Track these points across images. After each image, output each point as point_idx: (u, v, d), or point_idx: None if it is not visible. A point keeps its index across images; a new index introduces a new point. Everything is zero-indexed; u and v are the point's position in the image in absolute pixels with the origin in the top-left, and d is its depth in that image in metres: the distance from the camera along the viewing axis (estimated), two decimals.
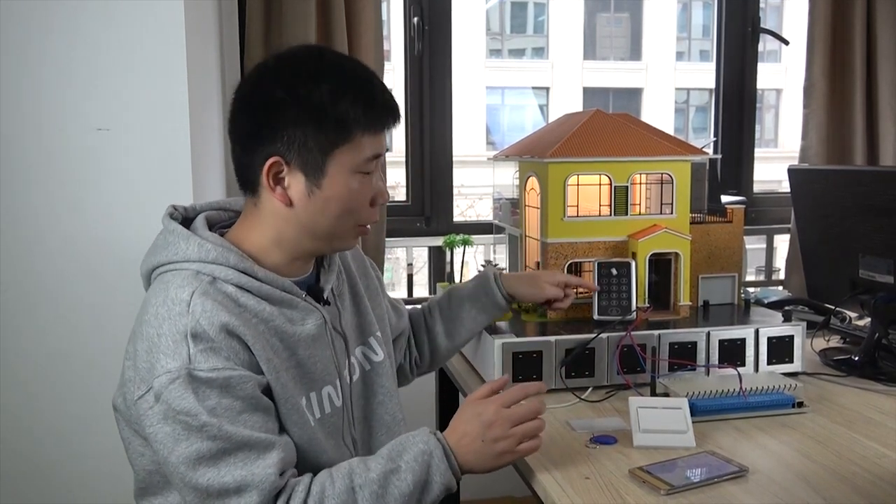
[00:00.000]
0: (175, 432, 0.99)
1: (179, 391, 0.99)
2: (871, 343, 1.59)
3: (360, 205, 1.13)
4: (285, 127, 1.07)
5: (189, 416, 0.99)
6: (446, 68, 2.45)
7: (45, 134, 1.60)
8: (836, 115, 2.59)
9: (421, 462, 1.05)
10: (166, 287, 1.06)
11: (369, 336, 1.30)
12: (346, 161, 1.09)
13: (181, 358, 1.00)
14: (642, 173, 1.59)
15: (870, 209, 1.62)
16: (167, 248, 1.11)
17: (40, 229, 1.62)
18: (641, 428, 1.21)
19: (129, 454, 1.15)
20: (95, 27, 1.59)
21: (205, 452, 0.99)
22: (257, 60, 2.05)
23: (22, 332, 1.64)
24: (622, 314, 1.49)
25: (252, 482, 0.99)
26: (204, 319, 1.01)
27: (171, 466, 1.00)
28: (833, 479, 1.09)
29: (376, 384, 1.28)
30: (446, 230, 2.42)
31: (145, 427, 1.02)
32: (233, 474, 0.99)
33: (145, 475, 1.13)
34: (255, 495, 0.99)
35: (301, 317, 1.14)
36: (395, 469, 1.05)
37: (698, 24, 13.29)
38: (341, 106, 1.07)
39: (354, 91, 1.09)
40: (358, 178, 1.11)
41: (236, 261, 1.09)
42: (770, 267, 2.94)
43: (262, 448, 1.01)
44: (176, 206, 1.19)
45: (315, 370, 1.14)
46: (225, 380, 1.00)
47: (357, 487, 1.02)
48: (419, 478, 1.05)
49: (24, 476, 1.68)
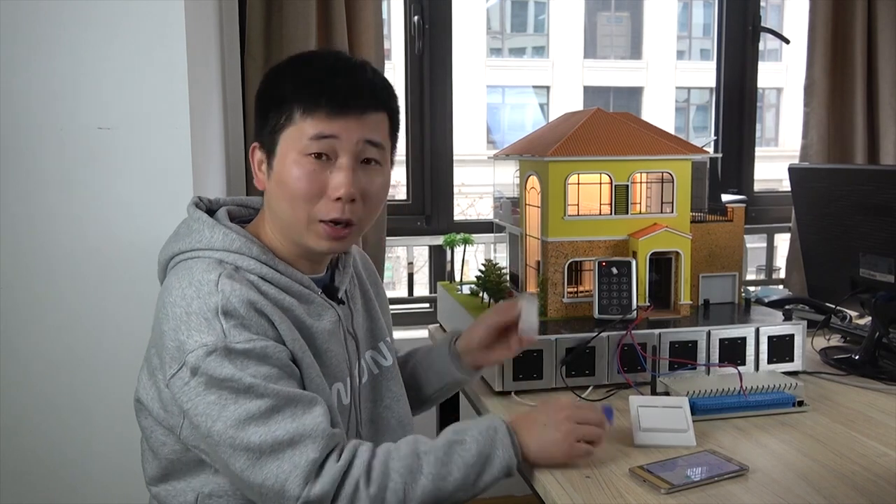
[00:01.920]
0: (221, 398, 1.01)
1: (219, 361, 1.01)
2: (871, 342, 1.59)
3: (307, 192, 1.09)
4: (261, 115, 1.14)
5: (233, 382, 1.01)
6: (447, 67, 2.45)
7: (45, 133, 1.59)
8: (836, 114, 2.59)
9: (486, 436, 1.09)
10: (190, 271, 1.08)
11: (379, 341, 1.31)
12: (289, 141, 1.10)
13: (216, 333, 1.02)
14: (643, 172, 1.59)
15: (870, 208, 1.62)
16: (191, 235, 1.14)
17: (40, 228, 1.62)
18: (642, 427, 1.21)
19: (149, 444, 1.16)
20: (96, 26, 1.59)
21: (254, 412, 1.00)
22: (257, 59, 2.09)
23: (22, 330, 1.64)
24: (623, 313, 1.49)
25: (304, 432, 1.01)
26: (234, 297, 1.04)
27: (217, 435, 1.01)
28: (833, 477, 1.09)
29: (384, 388, 1.29)
30: (447, 229, 2.43)
31: (183, 404, 1.03)
32: (285, 427, 1.00)
33: (167, 463, 1.14)
34: (309, 444, 1.01)
35: (318, 312, 1.16)
36: (460, 440, 1.08)
37: (699, 22, 13.27)
38: (282, 85, 1.12)
39: (295, 70, 1.13)
40: (304, 162, 1.09)
41: (258, 252, 1.12)
42: (770, 266, 2.94)
43: (308, 402, 1.04)
44: (201, 197, 1.22)
45: (330, 364, 1.15)
46: (262, 349, 1.03)
47: (422, 453, 1.06)
48: (483, 449, 1.07)
49: (26, 476, 1.68)
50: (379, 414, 1.27)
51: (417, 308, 2.55)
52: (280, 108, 1.11)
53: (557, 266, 1.56)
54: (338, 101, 1.09)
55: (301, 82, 1.11)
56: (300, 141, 1.09)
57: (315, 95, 1.09)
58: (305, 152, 1.09)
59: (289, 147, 1.10)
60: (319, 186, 1.10)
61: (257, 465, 1.00)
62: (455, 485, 1.05)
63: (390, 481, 1.02)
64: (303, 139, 1.09)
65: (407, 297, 2.59)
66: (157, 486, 1.17)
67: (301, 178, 1.09)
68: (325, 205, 1.10)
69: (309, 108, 1.09)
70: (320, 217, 1.11)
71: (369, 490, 1.01)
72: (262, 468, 1.00)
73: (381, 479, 1.02)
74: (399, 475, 1.03)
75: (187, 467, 1.13)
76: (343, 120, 1.09)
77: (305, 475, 0.99)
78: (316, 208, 1.10)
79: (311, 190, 1.09)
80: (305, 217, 1.11)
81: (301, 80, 1.11)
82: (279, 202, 1.12)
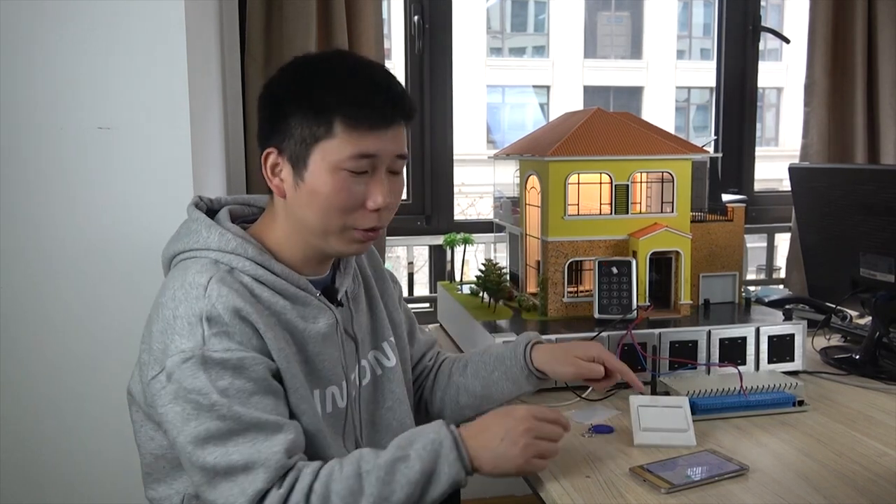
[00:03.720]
0: (185, 412, 1.00)
1: (192, 370, 1.00)
2: (871, 341, 1.59)
3: (345, 205, 1.09)
4: (282, 120, 1.10)
5: (200, 395, 1.00)
6: (447, 67, 2.45)
7: (45, 132, 1.59)
8: (836, 114, 2.58)
9: (430, 451, 1.04)
10: (184, 272, 1.08)
11: (382, 341, 1.30)
12: (326, 155, 1.08)
13: (195, 339, 1.02)
14: (643, 172, 1.59)
15: (870, 208, 1.62)
16: (189, 235, 1.14)
17: (40, 227, 1.62)
18: (642, 426, 1.21)
19: (137, 438, 1.17)
20: (97, 26, 1.59)
21: (213, 432, 1.00)
22: (258, 59, 2.09)
23: (22, 330, 1.64)
24: (623, 313, 1.49)
25: (259, 460, 1.00)
26: (219, 303, 1.03)
27: (180, 446, 1.01)
28: (834, 477, 1.09)
29: (386, 390, 1.28)
30: (447, 229, 2.42)
31: (157, 407, 1.04)
32: (241, 452, 1.00)
33: (152, 460, 1.15)
34: (261, 473, 0.99)
35: (313, 315, 1.15)
36: (403, 457, 1.04)
37: (699, 22, 13.28)
38: (325, 97, 1.08)
39: (337, 80, 1.10)
40: (341, 176, 1.08)
41: (254, 253, 1.11)
42: (771, 265, 2.94)
43: (271, 430, 1.02)
44: (202, 196, 1.21)
45: (322, 368, 1.14)
46: (238, 360, 1.02)
47: (364, 473, 1.02)
48: (427, 466, 1.03)
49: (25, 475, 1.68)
50: (380, 416, 1.26)
51: (418, 308, 2.54)
52: (318, 118, 1.08)
53: (557, 266, 1.56)
54: (380, 119, 1.09)
55: (346, 96, 1.08)
56: (340, 155, 1.08)
57: (358, 110, 1.07)
58: (347, 168, 1.08)
59: (325, 159, 1.08)
60: (357, 199, 1.10)
61: (212, 484, 1.00)
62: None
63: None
64: (343, 154, 1.08)
65: (407, 297, 2.59)
66: (147, 490, 1.17)
67: (341, 192, 1.09)
68: (363, 215, 1.11)
69: (352, 123, 1.07)
70: (357, 226, 1.12)
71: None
72: (216, 488, 1.00)
73: (322, 503, 1.00)
74: (340, 498, 1.00)
75: (170, 466, 1.13)
76: (382, 136, 1.09)
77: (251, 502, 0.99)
78: (352, 218, 1.11)
79: (349, 203, 1.10)
80: (339, 226, 1.11)
81: (346, 93, 1.08)
82: (308, 211, 1.11)
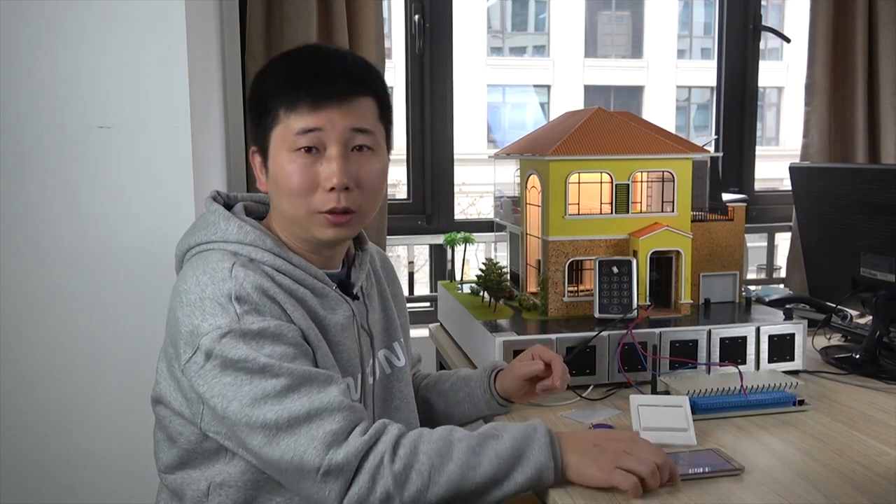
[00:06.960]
0: (237, 380, 1.01)
1: (232, 343, 1.01)
2: (872, 341, 1.59)
3: (300, 187, 1.11)
4: (253, 118, 1.16)
5: (247, 362, 1.01)
6: (447, 66, 2.45)
7: (45, 132, 1.59)
8: (837, 113, 2.59)
9: (523, 432, 1.04)
10: (205, 260, 1.10)
11: (394, 341, 1.31)
12: (278, 141, 1.12)
13: (229, 316, 1.03)
14: (643, 171, 1.58)
15: (871, 207, 1.62)
16: (207, 227, 1.15)
17: (40, 228, 1.62)
18: (642, 426, 1.20)
19: (166, 433, 1.16)
20: (97, 25, 1.59)
21: (269, 391, 1.00)
22: (258, 59, 2.09)
23: (22, 330, 1.64)
24: (623, 312, 1.49)
25: (322, 408, 1.00)
26: (247, 283, 1.05)
27: (234, 415, 1.01)
28: (834, 477, 1.09)
29: (395, 388, 1.29)
30: (447, 228, 2.43)
31: (199, 388, 1.04)
32: (301, 404, 1.00)
33: (183, 452, 1.14)
34: (326, 418, 0.99)
35: (332, 305, 1.16)
36: (496, 435, 1.04)
37: (699, 21, 13.27)
38: (264, 86, 1.14)
39: (274, 69, 1.15)
40: (296, 157, 1.10)
41: (272, 245, 1.13)
42: (771, 265, 2.94)
43: (324, 381, 1.03)
44: (220, 191, 1.23)
45: (341, 358, 1.15)
46: (276, 328, 1.04)
47: (455, 440, 1.03)
48: (518, 444, 1.02)
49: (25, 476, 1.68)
50: (388, 414, 1.27)
51: (418, 307, 2.55)
52: (265, 108, 1.12)
53: (558, 265, 1.56)
54: (316, 92, 1.10)
55: (280, 79, 1.12)
56: (287, 138, 1.11)
57: (294, 90, 1.10)
58: (294, 148, 1.10)
59: (279, 146, 1.12)
60: (312, 179, 1.11)
61: (274, 441, 0.99)
62: (483, 477, 1.00)
63: (417, 461, 0.99)
64: (289, 135, 1.10)
65: (407, 297, 2.58)
66: (173, 473, 1.17)
67: (293, 174, 1.10)
68: (322, 196, 1.11)
69: (290, 104, 1.10)
70: (319, 209, 1.12)
71: (394, 466, 0.98)
72: (279, 444, 0.99)
73: (408, 457, 0.99)
74: (427, 457, 1.00)
75: (202, 456, 1.13)
76: (326, 111, 1.10)
77: (326, 445, 0.98)
78: (313, 201, 1.12)
79: (304, 184, 1.11)
80: (305, 211, 1.12)
81: (280, 77, 1.12)
82: (279, 200, 1.14)
